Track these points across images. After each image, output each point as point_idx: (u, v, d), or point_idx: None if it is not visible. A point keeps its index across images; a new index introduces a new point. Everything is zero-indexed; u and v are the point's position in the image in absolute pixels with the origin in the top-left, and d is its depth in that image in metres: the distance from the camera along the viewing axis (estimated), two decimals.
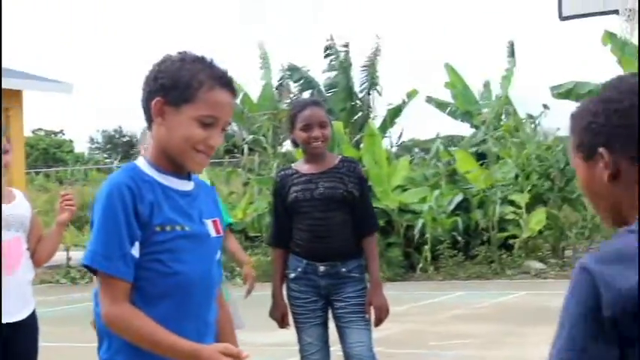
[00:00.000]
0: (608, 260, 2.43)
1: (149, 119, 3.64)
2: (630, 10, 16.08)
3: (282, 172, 7.12)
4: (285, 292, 6.91)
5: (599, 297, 2.37)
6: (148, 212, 3.54)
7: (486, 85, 24.49)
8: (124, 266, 3.58)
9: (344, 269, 6.70)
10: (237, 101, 26.18)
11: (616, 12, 15.59)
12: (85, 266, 3.65)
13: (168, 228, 3.64)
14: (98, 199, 3.67)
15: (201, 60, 3.76)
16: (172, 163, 3.67)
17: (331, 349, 6.96)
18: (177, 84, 3.61)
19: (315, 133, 6.69)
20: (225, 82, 3.64)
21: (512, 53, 25.09)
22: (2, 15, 11.07)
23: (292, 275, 6.78)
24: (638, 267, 2.55)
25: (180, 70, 3.70)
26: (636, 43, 18.82)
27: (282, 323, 6.91)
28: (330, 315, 6.87)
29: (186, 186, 3.73)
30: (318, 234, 6.74)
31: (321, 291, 6.74)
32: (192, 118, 3.59)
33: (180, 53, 3.77)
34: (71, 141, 49.58)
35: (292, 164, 7.29)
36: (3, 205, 6.48)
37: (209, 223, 3.77)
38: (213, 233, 3.78)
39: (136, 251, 3.59)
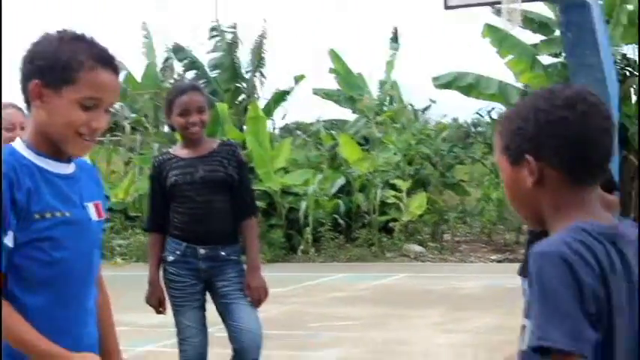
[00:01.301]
0: (569, 246, 2.57)
1: (27, 102, 3.56)
2: (511, 11, 16.44)
3: (160, 158, 7.14)
4: (162, 276, 6.90)
5: (578, 278, 2.53)
6: (25, 200, 3.45)
7: (368, 71, 24.68)
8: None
9: (223, 253, 6.74)
10: (120, 80, 26.05)
11: (499, 2, 15.80)
12: None
13: (48, 215, 3.45)
14: None
15: (80, 38, 3.54)
16: (53, 146, 3.57)
17: (209, 330, 6.97)
18: (56, 65, 3.47)
19: (193, 118, 6.71)
20: (107, 61, 3.51)
21: (395, 39, 25.26)
22: (2, 15, 10.88)
23: (171, 258, 6.76)
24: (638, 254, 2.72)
25: (59, 50, 3.49)
26: (516, 35, 19.26)
27: (159, 309, 6.92)
28: (208, 297, 6.90)
29: (67, 169, 3.60)
30: (199, 217, 6.75)
31: (201, 274, 6.74)
32: (73, 101, 3.46)
33: (58, 32, 3.53)
34: None
35: (170, 149, 7.32)
36: None
37: (90, 206, 3.69)
38: (94, 217, 3.69)
39: (9, 241, 3.44)
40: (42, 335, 3.48)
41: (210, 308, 6.87)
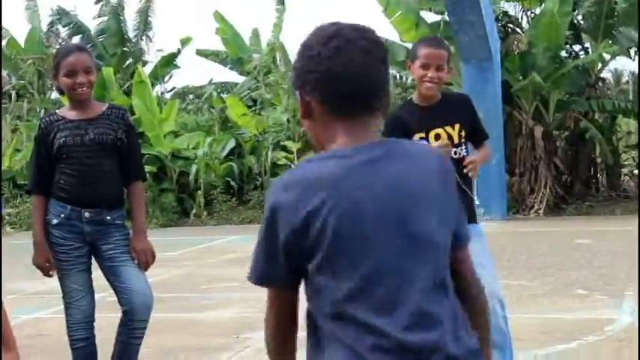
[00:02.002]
0: (289, 183, 2.83)
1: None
2: None
3: (47, 119, 7.00)
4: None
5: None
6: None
7: (256, 32, 24.63)
8: None
9: (108, 217, 6.73)
10: (4, 42, 25.73)
11: None
12: None
13: None
14: None
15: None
16: None
17: (101, 294, 6.99)
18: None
19: (80, 79, 6.61)
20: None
21: (282, 1, 25.32)
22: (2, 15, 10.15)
23: (55, 221, 6.71)
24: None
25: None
26: None
27: (46, 270, 6.82)
28: (94, 262, 6.85)
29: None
30: (87, 180, 6.70)
31: (86, 237, 6.70)
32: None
33: None
34: None
35: (57, 110, 7.17)
36: None
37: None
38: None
39: None
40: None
41: (99, 273, 6.79)
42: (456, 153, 6.46)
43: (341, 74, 2.76)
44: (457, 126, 6.55)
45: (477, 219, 6.67)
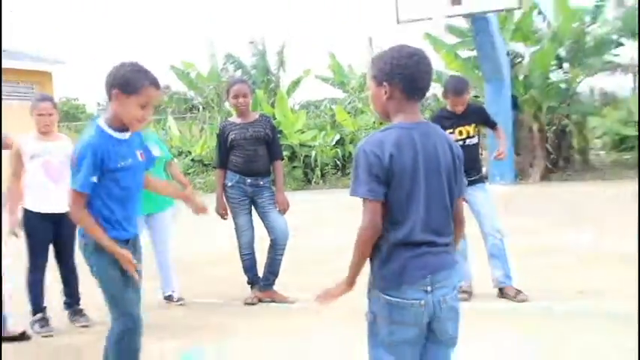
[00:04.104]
0: (374, 142, 3.01)
1: (109, 99, 4.03)
2: (442, 20, 16.56)
3: (223, 123, 7.35)
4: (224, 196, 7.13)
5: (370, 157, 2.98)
6: (105, 159, 4.01)
7: (350, 67, 24.73)
8: (87, 186, 3.96)
9: (261, 182, 7.03)
10: (192, 76, 26.13)
11: (431, 19, 15.86)
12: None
13: (121, 163, 4.06)
14: (79, 147, 4.05)
15: (141, 69, 4.04)
16: (122, 124, 4.07)
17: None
18: (128, 81, 3.97)
19: (241, 100, 7.01)
20: (154, 81, 4.04)
21: (370, 44, 25.41)
22: (2, 14, 10.27)
23: (230, 184, 7.03)
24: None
25: (131, 74, 3.99)
26: (443, 39, 19.31)
27: (223, 215, 7.12)
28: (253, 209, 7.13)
29: (125, 136, 4.12)
30: (248, 160, 6.98)
31: (248, 194, 7.02)
32: (134, 104, 3.97)
33: (131, 63, 4.03)
34: (84, 105, 48.51)
35: (229, 118, 7.44)
36: (50, 143, 6.44)
37: (138, 153, 4.22)
38: (140, 159, 4.24)
39: (95, 179, 3.96)
40: (105, 233, 4.04)
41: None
42: (469, 140, 6.81)
43: (418, 77, 3.03)
44: (472, 125, 6.87)
45: (483, 180, 6.94)
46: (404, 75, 3.01)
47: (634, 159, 18.80)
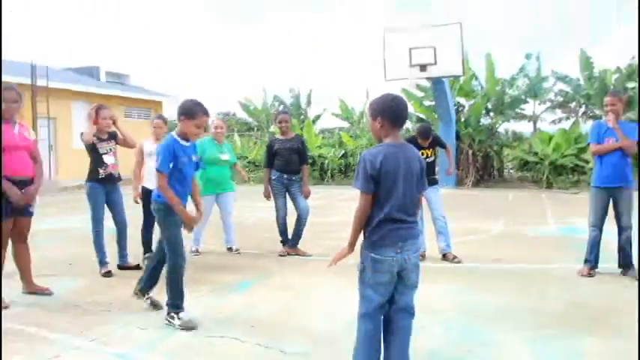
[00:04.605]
0: (371, 153, 2.95)
1: (179, 120, 4.20)
2: (414, 80, 16.48)
3: (271, 138, 7.13)
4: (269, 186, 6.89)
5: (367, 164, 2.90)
6: (175, 153, 4.14)
7: (352, 108, 24.20)
8: (167, 168, 4.10)
9: (294, 178, 6.82)
10: (252, 108, 26.07)
11: (407, 79, 15.87)
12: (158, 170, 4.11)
13: (183, 159, 4.17)
14: (163, 146, 4.18)
15: (198, 103, 4.20)
16: (185, 136, 4.22)
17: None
18: (189, 111, 4.16)
19: (283, 124, 6.88)
20: (205, 111, 4.20)
21: (367, 95, 25.36)
22: (2, 15, 9.15)
23: (273, 177, 6.83)
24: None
25: (191, 107, 4.17)
26: (414, 92, 19.24)
27: (268, 198, 6.91)
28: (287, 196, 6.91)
29: (186, 144, 4.25)
30: (287, 162, 6.81)
31: (284, 185, 6.81)
32: (193, 125, 4.17)
33: (193, 99, 4.23)
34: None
35: (275, 135, 7.20)
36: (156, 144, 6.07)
37: (192, 156, 4.32)
38: (193, 159, 4.32)
39: (170, 164, 4.11)
40: (179, 200, 4.13)
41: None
42: (428, 159, 6.54)
43: (399, 112, 2.97)
44: (431, 150, 6.73)
45: (438, 183, 6.80)
46: (389, 112, 2.95)
47: (531, 176, 18.72)
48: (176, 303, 4.17)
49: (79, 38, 75.01)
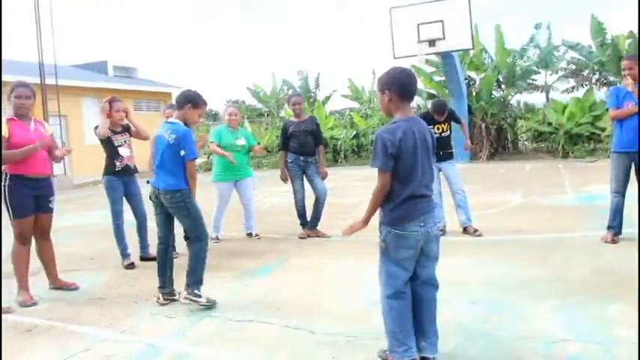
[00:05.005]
0: (388, 130, 2.92)
1: (180, 108, 4.36)
2: (423, 56, 16.36)
3: (285, 121, 7.10)
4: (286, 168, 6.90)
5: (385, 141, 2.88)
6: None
7: (362, 87, 23.94)
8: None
9: (310, 159, 6.79)
10: (261, 94, 25.98)
11: (416, 55, 15.74)
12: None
13: None
14: (189, 134, 4.31)
15: (199, 94, 4.35)
16: (186, 123, 4.35)
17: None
18: (195, 101, 4.35)
19: (297, 106, 6.81)
20: (206, 102, 4.41)
21: (373, 73, 25.13)
22: (2, 15, 9.27)
23: (290, 160, 6.81)
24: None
25: (196, 97, 4.35)
26: (423, 67, 19.08)
27: (284, 181, 6.93)
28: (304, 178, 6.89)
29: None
30: (302, 145, 6.78)
31: (301, 167, 6.80)
32: (197, 114, 4.37)
33: (195, 90, 4.38)
34: None
35: (289, 118, 7.15)
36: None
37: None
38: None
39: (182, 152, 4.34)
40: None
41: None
42: (443, 133, 6.56)
43: (407, 84, 2.95)
44: (446, 123, 6.74)
45: (453, 158, 6.70)
46: (398, 84, 2.92)
47: (546, 147, 18.54)
48: (201, 278, 4.32)
49: (84, 34, 75.07)
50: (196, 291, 4.26)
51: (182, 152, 4.24)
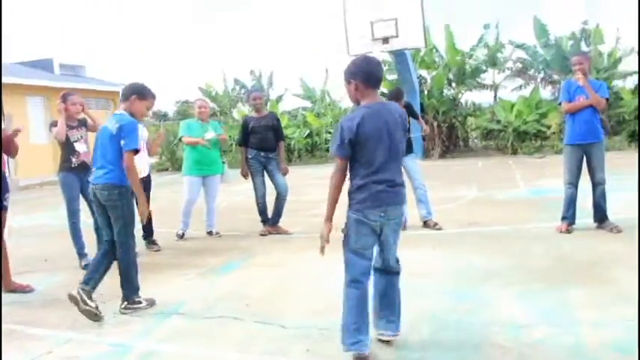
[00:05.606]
0: (348, 118, 2.94)
1: (125, 99, 4.20)
2: (379, 54, 16.45)
3: (245, 117, 7.04)
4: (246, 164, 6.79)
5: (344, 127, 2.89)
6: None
7: (313, 87, 23.76)
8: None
9: (270, 155, 6.75)
10: (213, 94, 25.58)
11: (371, 52, 15.78)
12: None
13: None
14: (135, 125, 4.12)
15: (146, 86, 4.27)
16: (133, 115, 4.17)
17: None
18: (141, 92, 4.23)
19: (257, 101, 6.79)
20: (154, 95, 4.33)
21: (326, 72, 25.17)
22: (2, 16, 9.01)
23: (250, 156, 6.74)
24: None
25: (142, 88, 4.25)
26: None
27: (245, 177, 6.85)
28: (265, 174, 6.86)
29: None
30: (263, 140, 6.73)
31: (262, 162, 6.75)
32: (144, 105, 4.24)
33: (141, 83, 4.28)
34: None
35: (249, 114, 7.12)
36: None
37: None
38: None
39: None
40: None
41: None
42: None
43: (372, 71, 2.96)
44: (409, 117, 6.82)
45: (413, 152, 6.83)
46: (362, 72, 2.94)
47: (495, 144, 19.02)
48: (137, 285, 4.15)
49: (28, 31, 72.41)
50: (136, 298, 4.11)
51: (122, 142, 3.98)
